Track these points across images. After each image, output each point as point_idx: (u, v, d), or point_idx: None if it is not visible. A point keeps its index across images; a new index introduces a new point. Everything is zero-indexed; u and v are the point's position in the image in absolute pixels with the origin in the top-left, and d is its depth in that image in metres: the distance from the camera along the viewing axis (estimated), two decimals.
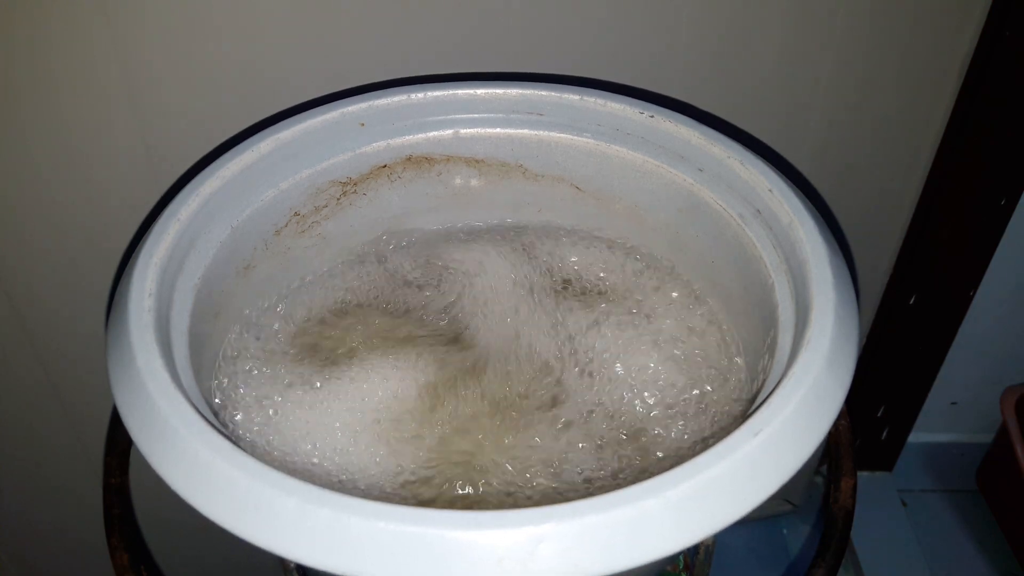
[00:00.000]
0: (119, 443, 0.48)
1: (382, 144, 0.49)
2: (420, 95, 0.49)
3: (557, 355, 0.46)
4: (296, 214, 0.48)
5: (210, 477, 0.31)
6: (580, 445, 0.42)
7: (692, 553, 0.54)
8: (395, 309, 0.49)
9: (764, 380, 0.39)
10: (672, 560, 0.55)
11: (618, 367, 0.46)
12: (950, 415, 0.95)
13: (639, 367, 0.46)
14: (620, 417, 0.44)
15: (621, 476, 0.41)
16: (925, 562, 0.90)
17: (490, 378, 0.45)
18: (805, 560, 0.91)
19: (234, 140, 0.49)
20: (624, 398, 0.45)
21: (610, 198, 0.51)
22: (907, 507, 0.96)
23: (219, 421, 0.41)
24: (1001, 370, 0.90)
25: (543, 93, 0.49)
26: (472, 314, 0.49)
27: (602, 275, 0.51)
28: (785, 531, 0.94)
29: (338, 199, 0.50)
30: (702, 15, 0.55)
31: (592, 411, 0.44)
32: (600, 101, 0.48)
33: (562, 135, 0.50)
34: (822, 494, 0.94)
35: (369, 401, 0.44)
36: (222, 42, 0.51)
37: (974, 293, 0.79)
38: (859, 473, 0.55)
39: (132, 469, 0.48)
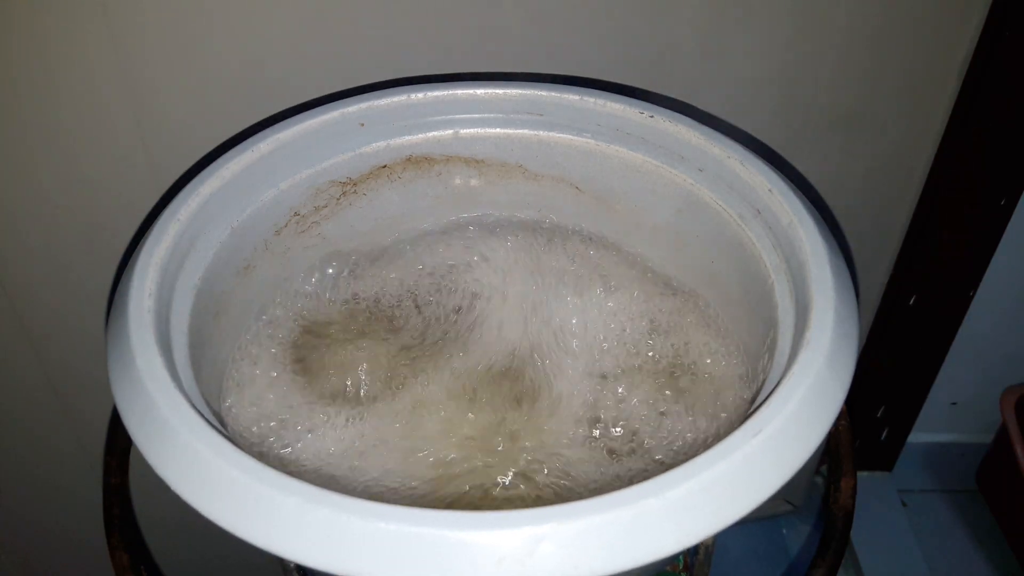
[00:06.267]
0: (119, 443, 0.48)
1: (382, 144, 0.49)
2: (420, 95, 0.49)
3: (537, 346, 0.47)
4: (296, 214, 0.48)
5: (210, 477, 0.31)
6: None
7: (692, 553, 0.54)
8: (396, 309, 0.49)
9: (764, 380, 0.39)
10: (672, 560, 0.55)
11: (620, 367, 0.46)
12: (950, 415, 0.95)
13: (638, 366, 0.46)
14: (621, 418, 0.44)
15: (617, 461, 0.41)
16: (925, 562, 0.90)
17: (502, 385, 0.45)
18: (805, 560, 0.91)
19: (234, 140, 0.49)
20: (622, 396, 0.45)
21: (610, 198, 0.51)
22: (907, 507, 0.96)
23: (219, 421, 0.41)
24: (1001, 370, 0.90)
25: (543, 93, 0.49)
26: (476, 315, 0.49)
27: (606, 273, 0.51)
28: (785, 531, 0.94)
29: (338, 199, 0.50)
30: (702, 15, 0.55)
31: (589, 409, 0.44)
32: (600, 101, 0.48)
33: (562, 135, 0.50)
34: (822, 494, 0.94)
35: (371, 404, 0.44)
36: (222, 42, 0.51)
37: (974, 293, 0.79)
38: (859, 473, 0.55)
39: (132, 469, 0.48)
